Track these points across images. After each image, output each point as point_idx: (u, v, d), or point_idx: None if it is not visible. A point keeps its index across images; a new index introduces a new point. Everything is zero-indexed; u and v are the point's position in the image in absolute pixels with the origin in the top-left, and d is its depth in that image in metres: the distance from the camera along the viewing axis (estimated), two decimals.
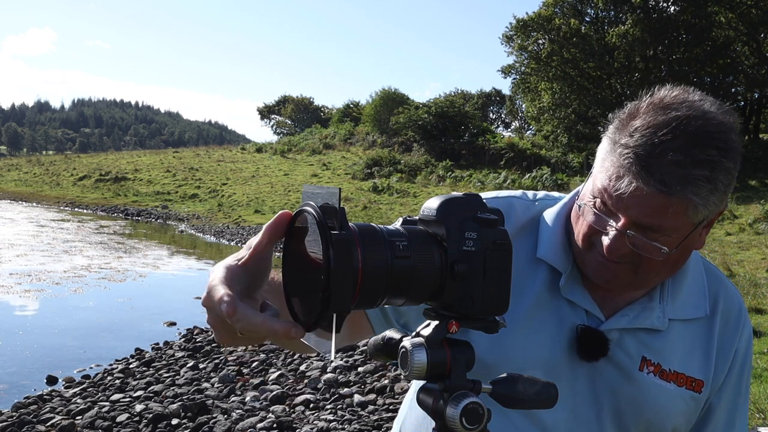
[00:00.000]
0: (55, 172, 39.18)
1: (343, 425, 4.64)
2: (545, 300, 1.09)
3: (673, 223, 0.95)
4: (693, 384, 1.08)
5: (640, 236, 0.96)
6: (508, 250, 0.72)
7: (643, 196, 0.93)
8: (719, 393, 1.12)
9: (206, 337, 7.45)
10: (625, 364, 1.07)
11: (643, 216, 0.95)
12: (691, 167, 0.91)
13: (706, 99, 0.98)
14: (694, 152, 0.91)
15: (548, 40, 30.19)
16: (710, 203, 0.94)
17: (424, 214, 0.74)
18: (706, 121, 0.94)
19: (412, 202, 23.99)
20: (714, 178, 0.92)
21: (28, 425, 4.72)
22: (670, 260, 1.00)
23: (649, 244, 0.96)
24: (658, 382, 1.06)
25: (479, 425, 0.69)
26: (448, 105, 34.07)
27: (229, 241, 17.94)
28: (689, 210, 0.93)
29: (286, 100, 64.42)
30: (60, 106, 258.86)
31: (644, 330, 1.08)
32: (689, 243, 1.00)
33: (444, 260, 0.70)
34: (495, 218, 0.73)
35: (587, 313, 1.08)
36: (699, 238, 1.02)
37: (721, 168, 0.92)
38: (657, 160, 0.92)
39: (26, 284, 10.47)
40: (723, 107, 0.98)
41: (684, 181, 0.91)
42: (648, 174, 0.92)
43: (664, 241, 0.96)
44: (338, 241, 0.64)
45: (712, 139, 0.92)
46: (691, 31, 28.21)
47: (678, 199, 0.92)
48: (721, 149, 0.92)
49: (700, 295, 1.11)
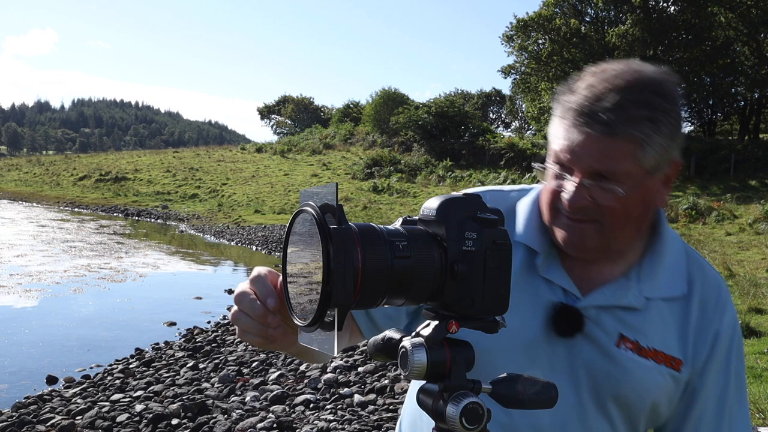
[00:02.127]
0: (55, 172, 39.19)
1: (343, 425, 4.64)
2: (523, 280, 1.12)
3: (624, 167, 0.99)
4: (672, 362, 1.09)
5: (596, 183, 1.01)
6: (508, 250, 0.72)
7: (590, 143, 0.99)
8: (702, 376, 1.11)
9: (206, 337, 7.45)
10: (602, 340, 1.08)
11: (595, 162, 1.00)
12: (631, 108, 0.98)
13: (645, 65, 1.05)
14: (632, 96, 0.99)
15: (548, 40, 30.21)
16: (655, 143, 0.99)
17: (424, 214, 0.74)
18: (641, 73, 1.02)
19: (412, 202, 23.99)
20: (655, 118, 0.98)
21: (28, 425, 4.72)
22: (631, 213, 1.03)
23: (606, 187, 1.00)
24: (635, 359, 1.07)
25: (479, 425, 0.69)
26: (448, 105, 34.09)
27: (229, 241, 17.93)
28: (637, 151, 0.99)
29: (286, 100, 64.43)
30: (60, 106, 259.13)
31: (621, 308, 1.09)
32: (646, 194, 1.04)
33: (444, 260, 0.70)
34: (495, 218, 0.73)
35: (565, 291, 1.11)
36: (658, 194, 1.07)
37: (660, 108, 0.99)
38: (598, 105, 0.99)
39: (26, 284, 10.48)
40: (662, 70, 1.05)
41: (626, 120, 0.97)
42: (592, 119, 0.99)
43: (620, 186, 1.01)
44: (337, 235, 0.64)
45: (647, 85, 1.00)
46: (691, 31, 28.22)
47: (623, 139, 0.98)
48: (657, 93, 1.00)
49: (678, 276, 1.13)
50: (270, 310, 0.80)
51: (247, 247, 16.81)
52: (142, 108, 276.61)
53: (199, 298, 9.93)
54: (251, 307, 0.81)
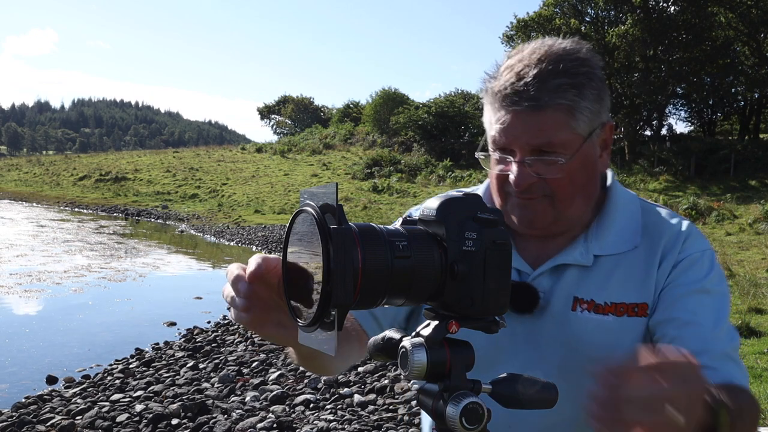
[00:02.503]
0: (55, 172, 39.19)
1: (343, 425, 4.64)
2: None
3: (560, 137, 1.02)
4: (636, 309, 1.07)
5: (538, 158, 1.03)
6: (508, 250, 0.72)
7: (522, 121, 1.02)
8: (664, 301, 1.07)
9: (206, 337, 7.45)
10: (556, 308, 1.09)
11: (531, 138, 1.02)
12: (550, 78, 1.01)
13: (557, 39, 1.08)
14: (549, 68, 1.02)
15: None
16: (583, 109, 1.02)
17: (424, 214, 0.74)
18: (553, 46, 1.05)
19: (412, 202, 23.99)
20: (577, 83, 1.01)
21: (28, 425, 4.72)
22: (576, 181, 1.06)
23: (548, 160, 1.03)
24: (594, 317, 1.07)
25: (479, 425, 0.69)
26: (448, 105, 34.07)
27: (229, 241, 17.93)
28: (568, 119, 1.02)
29: (286, 100, 64.40)
30: (60, 106, 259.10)
31: (572, 269, 1.10)
32: (587, 158, 1.06)
33: (444, 260, 0.70)
34: (495, 218, 0.73)
35: (519, 272, 1.13)
36: (600, 159, 1.10)
37: (580, 73, 1.02)
38: (520, 84, 1.02)
39: (26, 284, 10.47)
40: (574, 40, 1.09)
41: (549, 91, 1.00)
42: (518, 98, 1.02)
43: (561, 156, 1.03)
44: (337, 235, 0.64)
45: (562, 56, 1.03)
46: (691, 31, 28.20)
47: (552, 110, 1.01)
48: (574, 60, 1.03)
49: (629, 231, 1.12)
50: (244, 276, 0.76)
51: (247, 247, 16.81)
52: (142, 108, 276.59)
53: (199, 298, 9.93)
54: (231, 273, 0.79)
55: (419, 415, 4.66)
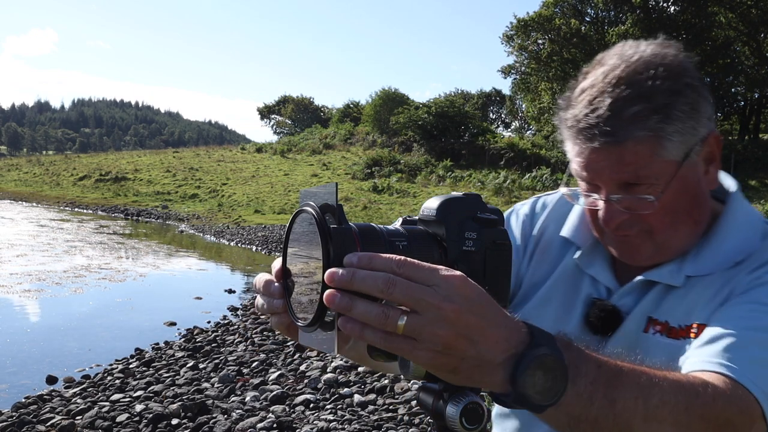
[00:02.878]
0: (55, 172, 39.18)
1: (343, 425, 4.63)
2: (567, 275, 1.10)
3: (647, 170, 0.92)
4: None
5: (625, 196, 0.95)
6: (508, 250, 0.72)
7: (601, 157, 0.93)
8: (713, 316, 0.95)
9: (206, 337, 7.45)
10: (629, 328, 1.02)
11: (615, 174, 0.94)
12: (626, 107, 0.90)
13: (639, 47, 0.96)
14: (624, 93, 0.91)
15: (548, 40, 30.20)
16: (672, 133, 0.91)
17: (424, 214, 0.74)
18: (629, 60, 0.94)
19: (412, 202, 23.98)
20: (660, 107, 0.90)
21: (28, 425, 4.72)
22: (676, 209, 0.95)
23: (636, 198, 0.94)
24: (664, 341, 0.97)
25: (479, 425, 0.69)
26: (448, 105, 34.09)
27: (229, 241, 17.93)
28: (654, 148, 0.91)
29: (286, 100, 64.40)
30: (60, 106, 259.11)
31: (657, 287, 1.01)
32: (686, 181, 0.95)
33: (444, 260, 0.70)
34: (495, 218, 0.72)
35: (608, 289, 1.06)
36: (706, 176, 0.98)
37: (662, 92, 0.90)
38: (593, 116, 0.92)
39: (26, 284, 10.47)
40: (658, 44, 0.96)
41: (625, 122, 0.90)
42: (592, 133, 0.92)
43: (650, 191, 0.94)
44: (337, 235, 0.64)
45: (639, 74, 0.92)
46: (691, 31, 28.21)
47: (632, 142, 0.91)
48: (655, 77, 0.91)
49: (737, 252, 0.98)
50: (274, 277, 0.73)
51: (247, 247, 16.80)
52: (142, 108, 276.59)
53: (199, 298, 9.93)
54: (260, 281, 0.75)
55: (419, 415, 4.67)
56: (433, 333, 0.61)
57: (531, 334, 0.66)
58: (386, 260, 0.62)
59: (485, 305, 0.63)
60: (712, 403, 0.75)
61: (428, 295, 0.60)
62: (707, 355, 0.84)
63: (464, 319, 0.61)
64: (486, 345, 0.62)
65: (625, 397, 0.70)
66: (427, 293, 0.60)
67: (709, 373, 0.81)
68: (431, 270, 0.62)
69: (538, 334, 0.66)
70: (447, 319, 0.60)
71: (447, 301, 0.60)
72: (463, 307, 0.61)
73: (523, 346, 0.64)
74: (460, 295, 0.61)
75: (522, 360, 0.64)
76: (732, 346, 0.83)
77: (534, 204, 1.21)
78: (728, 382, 0.79)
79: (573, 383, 0.66)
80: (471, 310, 0.61)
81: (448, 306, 0.60)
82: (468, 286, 0.62)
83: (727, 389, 0.78)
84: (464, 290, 0.61)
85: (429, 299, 0.60)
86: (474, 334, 0.62)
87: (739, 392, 0.78)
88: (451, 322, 0.61)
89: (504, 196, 22.90)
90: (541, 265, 1.15)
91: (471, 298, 0.61)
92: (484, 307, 0.62)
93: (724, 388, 0.78)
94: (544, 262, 1.15)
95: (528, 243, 1.17)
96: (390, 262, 0.62)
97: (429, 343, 0.61)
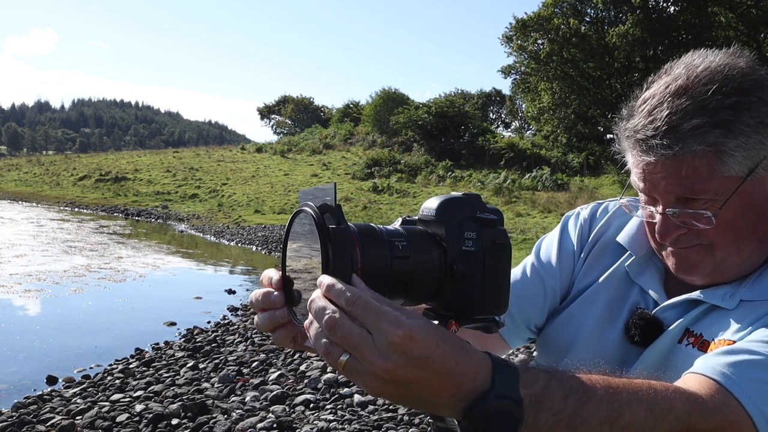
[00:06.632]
0: (55, 172, 39.16)
1: (343, 425, 4.63)
2: (616, 280, 1.09)
3: (706, 185, 0.89)
4: None
5: (682, 210, 0.92)
6: (507, 250, 0.72)
7: (659, 170, 0.91)
8: None
9: (206, 337, 7.45)
10: (666, 338, 0.99)
11: (672, 187, 0.91)
12: (686, 120, 0.87)
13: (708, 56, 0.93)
14: (684, 105, 0.88)
15: (548, 40, 30.18)
16: (734, 148, 0.87)
17: (424, 214, 0.74)
18: (694, 71, 0.91)
19: (412, 202, 23.98)
20: (722, 122, 0.86)
21: (28, 425, 4.72)
22: (738, 225, 0.92)
23: (693, 213, 0.91)
24: (695, 354, 0.93)
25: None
26: (448, 105, 34.05)
27: (229, 241, 17.92)
28: (714, 164, 0.88)
29: (286, 100, 64.35)
30: (60, 106, 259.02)
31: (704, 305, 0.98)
32: (750, 197, 0.91)
33: (443, 260, 0.70)
34: (495, 218, 0.72)
35: (655, 302, 1.04)
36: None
37: (725, 107, 0.87)
38: (651, 128, 0.90)
39: (26, 284, 10.47)
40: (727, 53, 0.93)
41: (683, 136, 0.87)
42: (648, 145, 0.91)
43: (708, 206, 0.91)
44: (336, 235, 0.64)
45: (703, 85, 0.88)
46: (691, 31, 28.20)
47: (690, 156, 0.88)
48: (717, 91, 0.87)
49: None
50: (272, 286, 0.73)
51: (247, 247, 16.80)
52: (142, 108, 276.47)
53: (199, 298, 9.93)
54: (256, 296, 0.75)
55: (419, 415, 4.66)
56: (365, 384, 0.62)
57: (492, 376, 0.64)
58: (339, 294, 0.61)
59: (433, 358, 0.61)
60: (686, 419, 0.73)
61: (365, 347, 0.60)
62: (713, 362, 0.83)
63: (400, 375, 0.61)
64: (430, 395, 0.63)
65: (590, 423, 0.68)
66: (365, 345, 0.60)
67: (705, 380, 0.79)
68: (378, 316, 0.61)
69: (499, 377, 0.64)
70: (377, 376, 0.61)
71: (381, 359, 0.60)
72: (399, 363, 0.60)
73: (475, 394, 0.63)
74: (399, 352, 0.60)
75: (472, 409, 0.63)
76: (742, 361, 0.81)
77: (595, 209, 1.21)
78: (719, 392, 0.77)
79: (534, 418, 0.65)
80: (410, 364, 0.60)
81: (380, 364, 0.60)
82: (413, 342, 0.60)
83: (711, 400, 0.76)
84: (404, 348, 0.60)
85: (365, 352, 0.60)
86: (414, 386, 0.62)
87: (730, 403, 0.76)
88: (382, 380, 0.61)
89: (504, 196, 22.89)
90: (593, 267, 1.14)
91: (411, 356, 0.60)
92: (430, 361, 0.61)
93: (708, 400, 0.76)
94: (596, 264, 1.14)
95: (584, 247, 1.17)
96: (342, 296, 0.61)
97: (367, 388, 0.63)
